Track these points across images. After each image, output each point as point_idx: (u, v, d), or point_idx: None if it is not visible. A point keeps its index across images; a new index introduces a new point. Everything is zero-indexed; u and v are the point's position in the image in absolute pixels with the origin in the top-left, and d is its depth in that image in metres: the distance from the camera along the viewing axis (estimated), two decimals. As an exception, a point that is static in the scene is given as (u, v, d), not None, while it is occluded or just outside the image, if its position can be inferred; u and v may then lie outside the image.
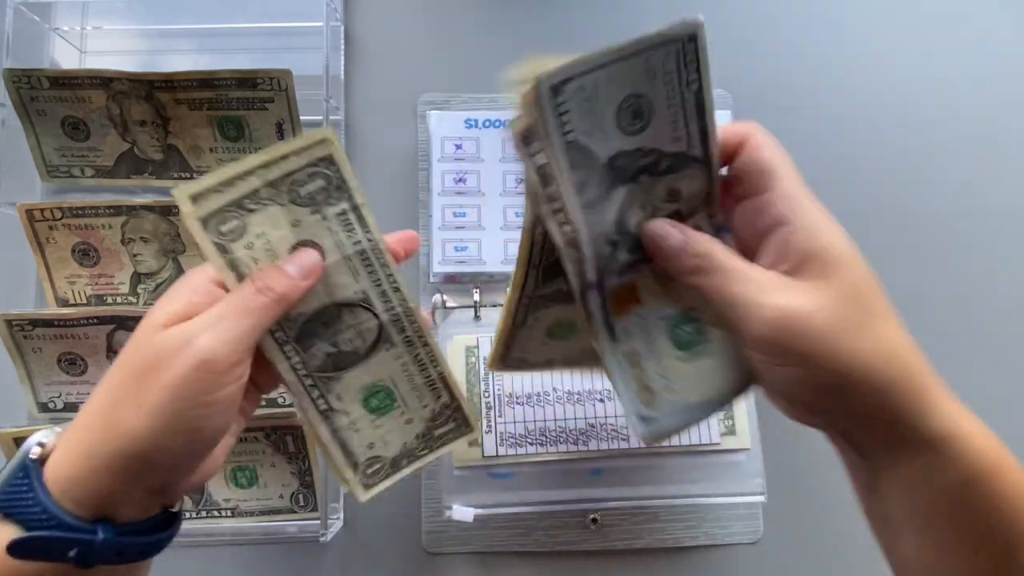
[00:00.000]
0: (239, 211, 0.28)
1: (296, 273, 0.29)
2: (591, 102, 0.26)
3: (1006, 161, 0.52)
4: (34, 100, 0.47)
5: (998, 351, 0.50)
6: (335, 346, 0.31)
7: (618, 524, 0.46)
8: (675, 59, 0.26)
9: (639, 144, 0.28)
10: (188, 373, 0.26)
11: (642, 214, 0.29)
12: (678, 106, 0.27)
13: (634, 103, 0.27)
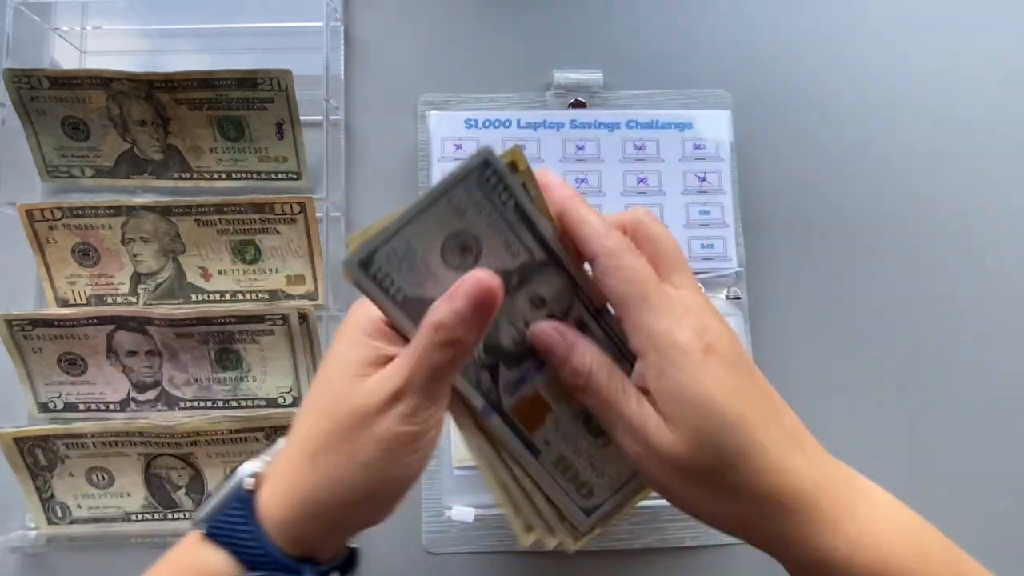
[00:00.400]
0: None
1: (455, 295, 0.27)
2: (408, 259, 0.26)
3: (1007, 161, 0.52)
4: (34, 100, 0.47)
5: (999, 351, 0.50)
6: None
7: (618, 524, 0.46)
8: (478, 188, 0.27)
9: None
10: (396, 429, 0.26)
11: (514, 330, 0.29)
12: (503, 226, 0.27)
13: (455, 241, 0.27)
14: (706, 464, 0.27)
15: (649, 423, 0.27)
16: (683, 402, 0.27)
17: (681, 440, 0.27)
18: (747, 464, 0.27)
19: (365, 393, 0.27)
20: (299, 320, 0.45)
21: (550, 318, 0.29)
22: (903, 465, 0.48)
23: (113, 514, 0.46)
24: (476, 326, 0.26)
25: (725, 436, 0.27)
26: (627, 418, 0.28)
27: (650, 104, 0.51)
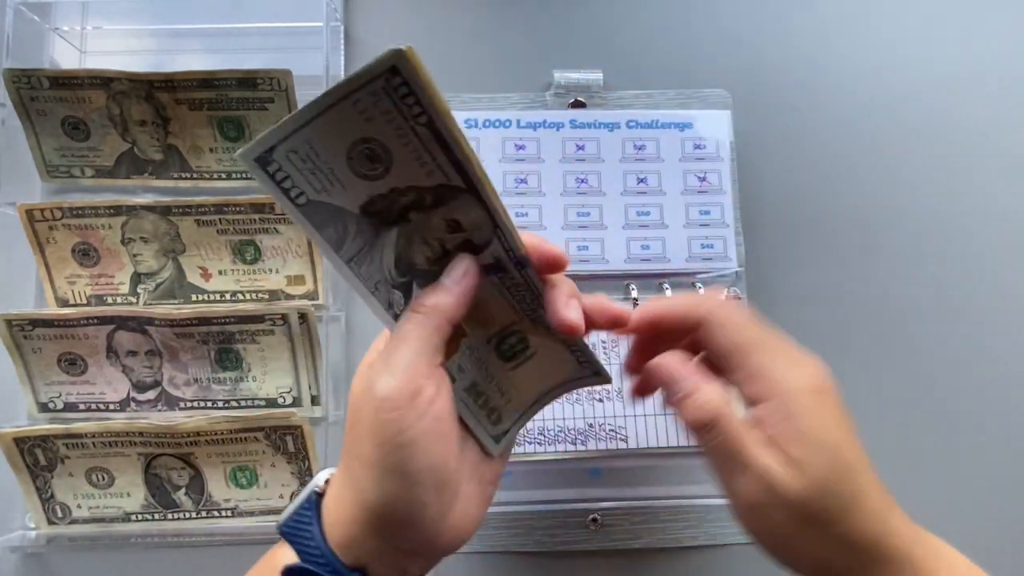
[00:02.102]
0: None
1: (448, 280, 0.28)
2: (311, 161, 0.24)
3: (1007, 160, 0.52)
4: (34, 100, 0.47)
5: (999, 350, 0.50)
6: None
7: (618, 524, 0.46)
8: (386, 96, 0.24)
9: (391, 185, 0.26)
10: (376, 418, 0.26)
11: (427, 248, 0.28)
12: (414, 142, 0.25)
13: (363, 149, 0.25)
14: (827, 509, 0.27)
15: (776, 468, 0.27)
16: (811, 445, 0.27)
17: (809, 484, 0.27)
18: (861, 511, 0.27)
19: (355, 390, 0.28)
20: (299, 320, 0.45)
21: (466, 245, 0.28)
22: (903, 464, 0.48)
23: (113, 514, 0.46)
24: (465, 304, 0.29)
25: (847, 480, 0.27)
26: (755, 464, 0.27)
27: (650, 104, 0.51)
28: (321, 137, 0.24)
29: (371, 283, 0.27)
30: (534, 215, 0.48)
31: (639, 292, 0.47)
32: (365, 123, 0.24)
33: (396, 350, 0.27)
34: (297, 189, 0.25)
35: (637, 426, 0.44)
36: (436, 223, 0.28)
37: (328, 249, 0.26)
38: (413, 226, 0.27)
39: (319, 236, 0.25)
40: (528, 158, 0.49)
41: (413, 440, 0.26)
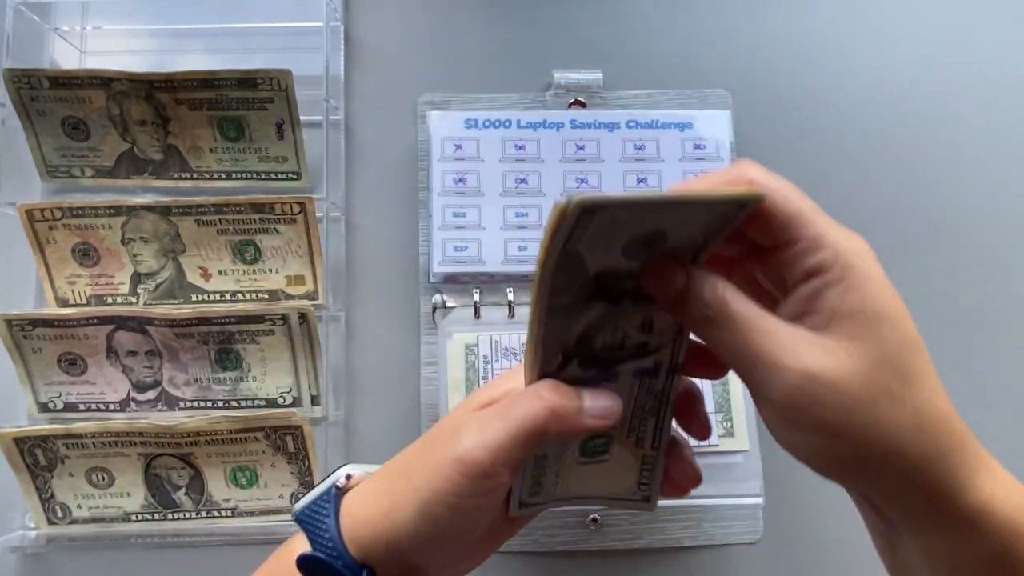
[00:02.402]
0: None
1: (587, 407, 0.27)
2: (610, 227, 0.24)
3: (1008, 160, 0.52)
4: (34, 100, 0.47)
5: (1000, 349, 0.50)
6: None
7: (618, 524, 0.46)
8: (719, 219, 0.25)
9: (632, 267, 0.26)
10: (444, 467, 0.26)
11: (611, 336, 0.28)
12: (686, 248, 0.26)
13: (651, 235, 0.25)
14: (891, 381, 0.24)
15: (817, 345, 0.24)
16: (876, 312, 0.24)
17: (865, 354, 0.24)
18: (930, 386, 0.25)
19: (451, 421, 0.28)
20: (299, 320, 0.45)
21: (641, 347, 0.28)
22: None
23: (113, 514, 0.46)
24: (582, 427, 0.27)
25: (912, 353, 0.24)
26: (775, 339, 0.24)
27: (650, 104, 0.51)
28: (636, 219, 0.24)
29: (551, 336, 0.27)
30: (534, 215, 0.48)
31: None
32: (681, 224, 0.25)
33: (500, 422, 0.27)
34: (577, 239, 0.24)
35: (637, 426, 0.44)
36: (635, 318, 0.28)
37: (545, 290, 0.25)
38: (619, 311, 0.27)
39: (550, 277, 0.25)
40: (528, 158, 0.49)
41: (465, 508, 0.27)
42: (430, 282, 0.48)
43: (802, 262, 0.25)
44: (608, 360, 0.29)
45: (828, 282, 0.25)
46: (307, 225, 0.47)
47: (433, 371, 0.47)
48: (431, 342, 0.48)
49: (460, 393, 0.44)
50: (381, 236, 0.50)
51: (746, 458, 0.44)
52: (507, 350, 0.44)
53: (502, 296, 0.47)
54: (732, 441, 0.44)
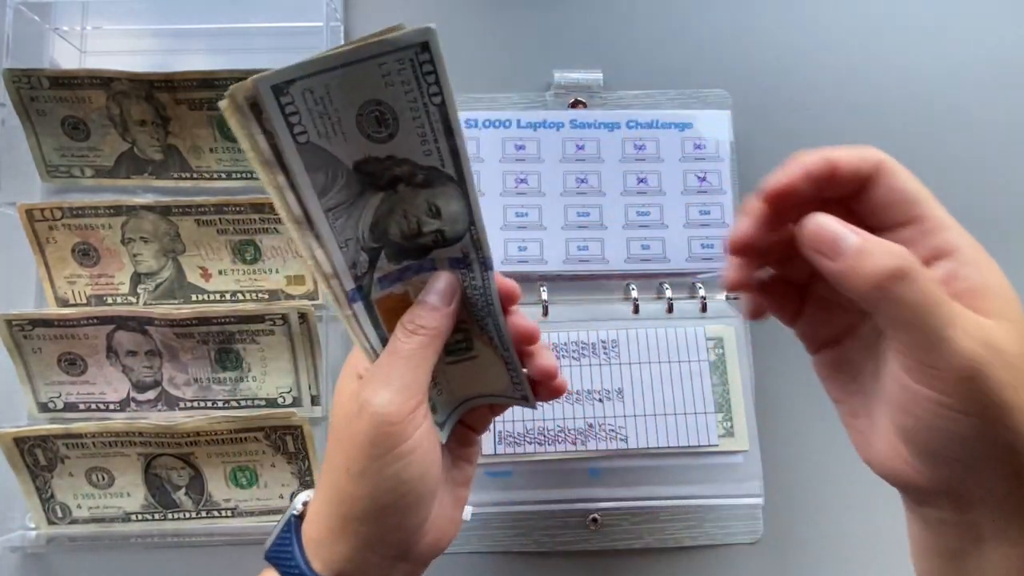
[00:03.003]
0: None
1: (431, 300, 0.29)
2: (323, 105, 0.24)
3: (1008, 160, 0.52)
4: (34, 100, 0.47)
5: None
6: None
7: (618, 524, 0.46)
8: (411, 68, 0.25)
9: (390, 152, 0.27)
10: (372, 433, 0.27)
11: (405, 223, 0.28)
12: (423, 118, 0.26)
13: (375, 110, 0.25)
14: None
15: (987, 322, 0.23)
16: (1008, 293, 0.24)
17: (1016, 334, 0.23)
18: None
19: (348, 404, 0.29)
20: (299, 320, 0.45)
21: (439, 233, 0.29)
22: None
23: (113, 514, 0.46)
24: (452, 320, 0.29)
25: None
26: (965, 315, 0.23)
27: (650, 104, 0.51)
28: (340, 86, 0.24)
29: (342, 238, 0.27)
30: (534, 215, 0.48)
31: (639, 292, 0.47)
32: (384, 87, 0.25)
33: (395, 367, 0.28)
34: (302, 127, 0.24)
35: (637, 426, 0.44)
36: (420, 202, 0.28)
37: (312, 194, 0.25)
38: (399, 197, 0.28)
39: (307, 178, 0.25)
40: (528, 158, 0.49)
41: (411, 450, 0.28)
42: (430, 282, 0.48)
43: (928, 241, 0.25)
44: (416, 249, 0.29)
45: (964, 262, 0.25)
46: (307, 225, 0.47)
47: (433, 371, 0.47)
48: (431, 342, 0.48)
49: (460, 393, 0.44)
50: (381, 236, 0.50)
51: (746, 458, 0.44)
52: (507, 350, 0.44)
53: (502, 296, 0.46)
54: (732, 441, 0.44)
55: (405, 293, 0.30)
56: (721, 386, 0.45)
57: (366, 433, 0.27)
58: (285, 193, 0.25)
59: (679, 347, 0.45)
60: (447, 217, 0.28)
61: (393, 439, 0.27)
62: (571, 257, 0.48)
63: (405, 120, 0.26)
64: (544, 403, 0.37)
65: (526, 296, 0.47)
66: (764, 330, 0.49)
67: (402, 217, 0.28)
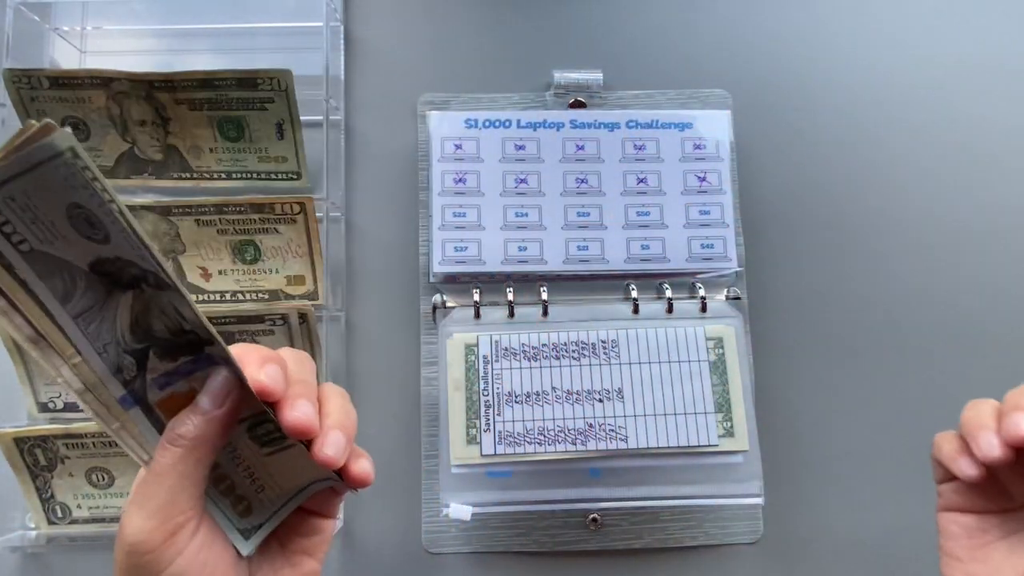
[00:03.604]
0: None
1: (203, 403, 0.26)
2: (31, 212, 0.22)
3: (1008, 161, 0.52)
4: (34, 100, 0.47)
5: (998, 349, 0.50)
6: None
7: (618, 524, 0.46)
8: (77, 173, 0.21)
9: (115, 253, 0.24)
10: (127, 563, 0.25)
11: (167, 320, 0.25)
12: (115, 221, 0.22)
13: (80, 212, 0.22)
14: None
15: None
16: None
17: None
18: None
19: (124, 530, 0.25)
20: (299, 320, 0.45)
21: (191, 338, 0.26)
22: (902, 463, 0.48)
23: (113, 514, 0.46)
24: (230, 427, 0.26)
25: None
26: None
27: (650, 104, 0.51)
28: (36, 191, 0.22)
29: (99, 343, 0.25)
30: (534, 215, 0.48)
31: (639, 292, 0.47)
32: (71, 190, 0.22)
33: (151, 487, 0.25)
34: (19, 235, 0.22)
35: (637, 426, 0.44)
36: (166, 303, 0.25)
37: (54, 302, 0.23)
38: (148, 295, 0.25)
39: (43, 286, 0.23)
40: (528, 158, 0.49)
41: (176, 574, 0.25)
42: (430, 282, 0.48)
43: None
44: (188, 344, 0.26)
45: None
46: (307, 225, 0.47)
47: (433, 371, 0.47)
48: (431, 342, 0.48)
49: (460, 393, 0.44)
50: (381, 236, 0.50)
51: (746, 458, 0.44)
52: (507, 350, 0.44)
53: (502, 296, 0.47)
54: (732, 441, 0.43)
55: (191, 391, 0.27)
56: (721, 386, 0.45)
57: (121, 563, 0.25)
58: (10, 316, 0.23)
59: (679, 347, 0.45)
60: (189, 320, 0.25)
61: (147, 569, 0.25)
62: (571, 257, 0.48)
63: (108, 224, 0.23)
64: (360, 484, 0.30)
65: (526, 296, 0.47)
66: (764, 330, 0.49)
67: (159, 314, 0.26)
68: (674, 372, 0.45)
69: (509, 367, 0.44)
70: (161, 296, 0.25)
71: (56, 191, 0.22)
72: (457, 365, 0.44)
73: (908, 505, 0.47)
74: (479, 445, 0.43)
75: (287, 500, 0.30)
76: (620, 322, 0.46)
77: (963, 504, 0.31)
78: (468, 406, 0.43)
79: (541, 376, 0.44)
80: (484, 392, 0.43)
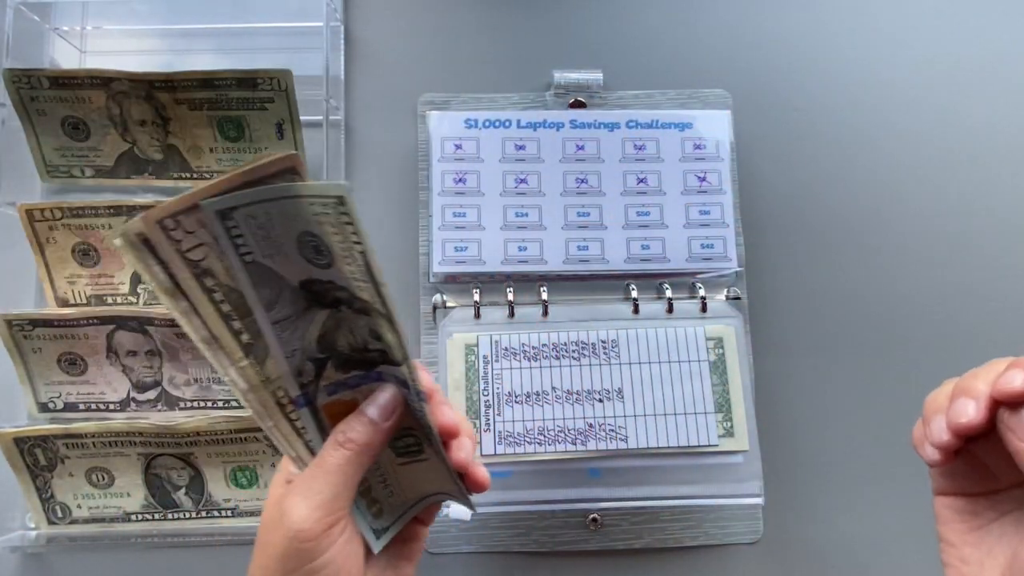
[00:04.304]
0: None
1: (371, 413, 0.29)
2: (265, 230, 0.26)
3: (1007, 161, 0.52)
4: (34, 100, 0.47)
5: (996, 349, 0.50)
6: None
7: (618, 524, 0.46)
8: (334, 214, 0.25)
9: (331, 277, 0.27)
10: (286, 546, 0.27)
11: (352, 338, 0.29)
12: (351, 258, 0.26)
13: (312, 240, 0.26)
14: None
15: None
16: None
17: None
18: None
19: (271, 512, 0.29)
20: (299, 320, 0.45)
21: (381, 352, 0.29)
22: (902, 463, 0.48)
23: (113, 514, 0.46)
24: (390, 436, 0.29)
25: None
26: None
27: (650, 104, 0.51)
28: (279, 216, 0.25)
29: (288, 348, 0.28)
30: (534, 215, 0.48)
31: (639, 292, 0.47)
32: (317, 224, 0.25)
33: (317, 480, 0.28)
34: (247, 248, 0.26)
35: (637, 426, 0.44)
36: (361, 325, 0.28)
37: (259, 307, 0.27)
38: (343, 315, 0.28)
39: (254, 293, 0.26)
40: (528, 158, 0.49)
41: (323, 566, 0.28)
42: (430, 282, 0.48)
43: None
44: (364, 361, 0.30)
45: None
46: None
47: (433, 371, 0.47)
48: (431, 342, 0.48)
49: (460, 393, 0.44)
50: (381, 236, 0.50)
51: (746, 458, 0.44)
52: (507, 350, 0.44)
53: (502, 296, 0.47)
54: (732, 441, 0.43)
55: (354, 399, 0.30)
56: (721, 386, 0.45)
57: (280, 545, 0.27)
58: (190, 317, 0.26)
59: (679, 347, 0.45)
60: (388, 344, 0.28)
61: (305, 555, 0.27)
62: (571, 257, 0.48)
63: (337, 255, 0.26)
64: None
65: (526, 296, 0.47)
66: (764, 330, 0.49)
67: (349, 333, 0.29)
68: (674, 372, 0.45)
69: (509, 367, 0.44)
70: (358, 319, 0.28)
71: (298, 221, 0.25)
72: (457, 365, 0.44)
73: (908, 504, 0.47)
74: (479, 445, 0.43)
75: (410, 507, 0.33)
76: (620, 322, 0.46)
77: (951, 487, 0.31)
78: (468, 406, 0.43)
79: (541, 376, 0.44)
80: (484, 392, 0.43)
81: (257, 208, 0.25)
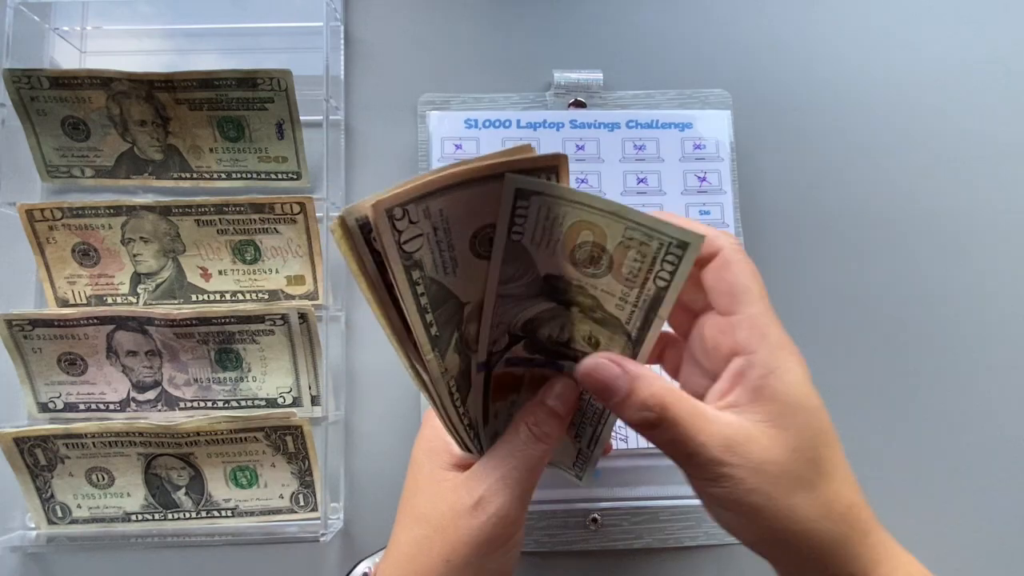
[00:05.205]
0: None
1: (551, 402, 0.31)
2: (549, 222, 0.27)
3: (1006, 161, 0.52)
4: (34, 100, 0.47)
5: (995, 349, 0.50)
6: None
7: (618, 524, 0.46)
8: (656, 247, 0.26)
9: (585, 284, 0.28)
10: (490, 532, 0.29)
11: (558, 332, 0.30)
12: (637, 285, 0.27)
13: (595, 252, 0.27)
14: (803, 470, 0.26)
15: (742, 433, 0.27)
16: (791, 402, 0.27)
17: (781, 442, 0.26)
18: (839, 477, 0.27)
19: (456, 496, 0.29)
20: (299, 320, 0.45)
21: (582, 353, 0.30)
22: (902, 463, 0.48)
23: (113, 514, 0.46)
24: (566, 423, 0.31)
25: (824, 445, 0.27)
26: (716, 438, 0.26)
27: (650, 104, 0.51)
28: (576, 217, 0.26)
29: (496, 320, 0.29)
30: (534, 215, 0.48)
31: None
32: (618, 244, 0.26)
33: (518, 470, 0.30)
34: (520, 231, 0.27)
35: (637, 426, 0.44)
36: (583, 328, 0.30)
37: (494, 278, 0.28)
38: (568, 315, 0.29)
39: (500, 266, 0.28)
40: (528, 158, 0.49)
41: (516, 544, 0.31)
42: (430, 282, 0.48)
43: (734, 334, 0.28)
44: (554, 352, 0.31)
45: (754, 363, 0.27)
46: (307, 225, 0.47)
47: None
48: (431, 342, 0.48)
49: (460, 393, 0.44)
50: (381, 236, 0.50)
51: (746, 458, 0.44)
52: (507, 350, 0.44)
53: (502, 296, 0.46)
54: (732, 441, 0.43)
55: (522, 375, 0.32)
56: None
57: (481, 531, 0.29)
58: (387, 308, 0.26)
59: (679, 347, 0.45)
60: (606, 341, 0.29)
61: (505, 538, 0.29)
62: (571, 257, 0.48)
63: (618, 273, 0.27)
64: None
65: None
66: (764, 330, 0.49)
67: (559, 327, 0.30)
68: (674, 372, 0.44)
69: (509, 367, 0.44)
70: (584, 323, 0.29)
71: (597, 230, 0.26)
72: (457, 365, 0.44)
73: (908, 503, 0.47)
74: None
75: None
76: (620, 322, 0.46)
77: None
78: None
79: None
80: (484, 392, 0.43)
81: (541, 200, 0.26)
